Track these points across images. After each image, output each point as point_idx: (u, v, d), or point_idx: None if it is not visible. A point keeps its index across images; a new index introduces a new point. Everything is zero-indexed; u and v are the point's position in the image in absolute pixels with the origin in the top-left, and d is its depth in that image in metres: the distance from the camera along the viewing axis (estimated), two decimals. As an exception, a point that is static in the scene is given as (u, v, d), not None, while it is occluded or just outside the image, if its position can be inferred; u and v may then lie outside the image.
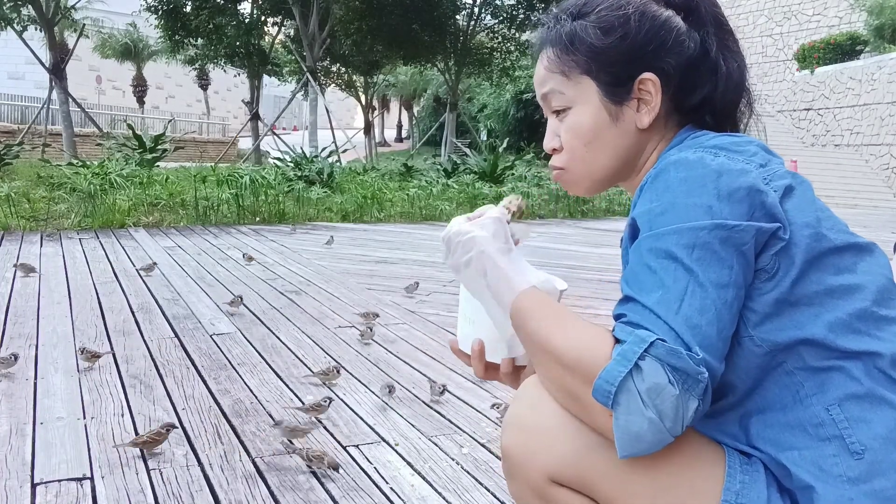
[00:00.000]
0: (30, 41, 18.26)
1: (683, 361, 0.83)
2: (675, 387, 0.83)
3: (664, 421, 0.84)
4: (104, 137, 17.48)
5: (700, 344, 0.85)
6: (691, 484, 0.94)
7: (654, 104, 1.04)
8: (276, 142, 21.81)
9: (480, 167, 13.36)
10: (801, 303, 0.91)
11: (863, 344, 0.91)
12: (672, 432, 0.85)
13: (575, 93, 1.07)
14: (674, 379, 0.83)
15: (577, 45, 1.05)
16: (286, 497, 1.96)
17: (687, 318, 0.86)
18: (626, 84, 1.04)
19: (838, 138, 19.36)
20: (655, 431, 0.84)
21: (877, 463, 0.88)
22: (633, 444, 0.86)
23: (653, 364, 0.83)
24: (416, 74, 33.08)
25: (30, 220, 7.66)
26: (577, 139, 1.08)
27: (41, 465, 2.11)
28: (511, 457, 1.04)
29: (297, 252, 6.46)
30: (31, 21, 18.18)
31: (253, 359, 3.23)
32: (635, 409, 0.84)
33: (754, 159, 0.94)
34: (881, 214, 13.84)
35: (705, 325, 0.86)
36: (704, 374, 0.84)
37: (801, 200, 0.94)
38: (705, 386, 0.84)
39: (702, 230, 0.88)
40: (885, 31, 20.32)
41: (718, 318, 0.86)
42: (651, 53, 1.02)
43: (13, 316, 3.84)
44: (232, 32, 20.61)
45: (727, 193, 0.89)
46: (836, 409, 0.90)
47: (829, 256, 0.93)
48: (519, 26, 21.48)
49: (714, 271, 0.87)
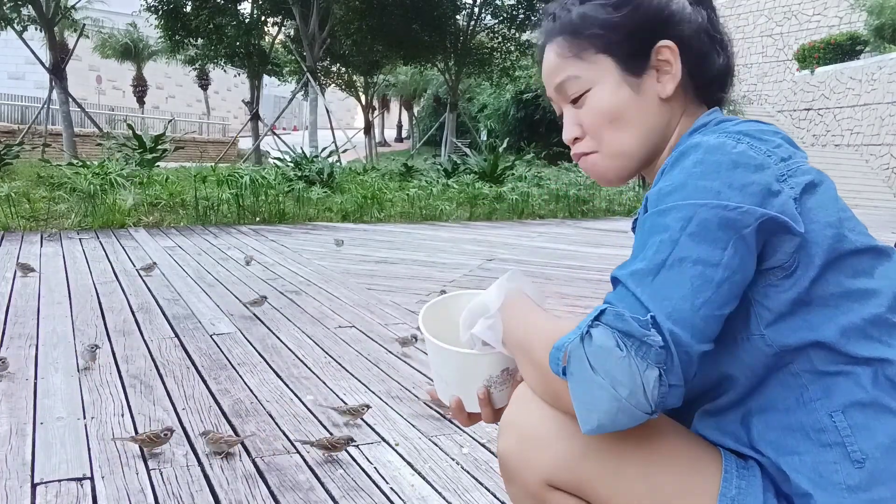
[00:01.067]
0: (30, 41, 18.25)
1: (627, 324, 0.82)
2: (622, 350, 0.82)
3: (618, 389, 0.82)
4: (104, 137, 17.46)
5: (668, 315, 0.83)
6: (687, 489, 0.94)
7: (674, 71, 1.03)
8: (276, 142, 21.81)
9: (480, 167, 13.36)
10: (815, 304, 0.90)
11: (874, 351, 0.89)
12: (633, 403, 0.82)
13: (593, 73, 1.05)
14: (621, 343, 0.82)
15: (589, 25, 1.04)
16: (286, 497, 1.96)
17: (656, 289, 0.85)
18: (644, 54, 1.03)
19: (838, 138, 19.36)
20: (609, 399, 0.83)
21: (877, 472, 0.87)
22: (588, 414, 0.85)
23: (602, 330, 0.83)
24: (416, 74, 33.08)
25: (30, 220, 7.66)
26: (601, 118, 1.05)
27: (41, 465, 2.11)
28: (507, 461, 1.04)
29: (297, 252, 6.47)
30: (32, 21, 18.17)
31: (253, 359, 3.23)
32: (586, 376, 0.84)
33: (777, 151, 0.92)
34: (881, 214, 13.84)
35: (678, 299, 0.84)
36: (655, 338, 0.81)
37: (825, 198, 0.92)
38: (662, 353, 0.82)
39: (702, 207, 0.86)
40: (886, 31, 20.31)
41: (695, 293, 0.84)
42: (665, 21, 1.02)
43: (13, 316, 3.84)
44: (232, 32, 20.60)
45: (740, 185, 0.87)
46: (839, 416, 0.89)
47: (848, 258, 0.91)
48: (519, 26, 21.48)
49: (703, 248, 0.85)
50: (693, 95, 1.07)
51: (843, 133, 19.27)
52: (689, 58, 1.04)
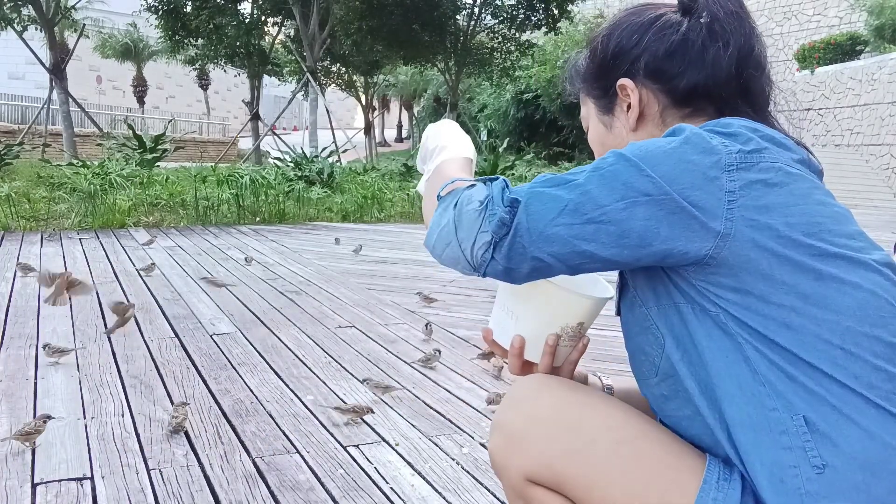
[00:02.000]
0: (30, 41, 18.25)
1: (497, 193, 0.96)
2: (480, 206, 0.96)
3: (458, 231, 0.97)
4: (104, 137, 17.48)
5: (528, 209, 0.94)
6: (662, 493, 0.94)
7: (634, 104, 1.10)
8: (276, 142, 21.80)
9: (480, 167, 13.33)
10: (766, 303, 0.90)
11: (832, 359, 0.88)
12: (461, 248, 0.97)
13: (585, 113, 1.20)
14: (484, 202, 0.96)
15: (578, 73, 1.20)
16: (286, 497, 1.96)
17: (542, 193, 0.95)
18: (608, 94, 1.13)
19: (838, 138, 19.36)
20: (448, 233, 0.99)
21: (838, 481, 0.86)
22: (431, 233, 1.03)
23: (483, 187, 0.99)
24: (417, 74, 33.07)
25: (30, 220, 7.66)
26: (593, 148, 1.20)
27: (41, 465, 2.11)
28: (494, 458, 1.10)
29: (297, 252, 6.47)
30: (32, 21, 18.17)
31: (253, 359, 3.23)
32: (447, 207, 1.01)
33: (738, 144, 0.93)
34: (881, 214, 13.84)
35: (547, 206, 0.93)
36: (504, 214, 0.93)
37: (779, 200, 0.91)
38: (502, 228, 0.93)
39: (627, 161, 0.93)
40: (886, 31, 20.31)
41: (561, 212, 0.92)
42: (622, 60, 1.09)
43: (13, 316, 3.84)
44: (232, 32, 20.59)
45: (676, 160, 0.91)
46: (800, 420, 0.88)
47: (808, 262, 0.90)
48: (519, 26, 21.46)
49: (598, 188, 0.92)
50: (681, 115, 1.07)
51: (843, 133, 19.27)
52: (660, 84, 1.07)
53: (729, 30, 1.03)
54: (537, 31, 21.63)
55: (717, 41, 1.03)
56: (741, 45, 1.04)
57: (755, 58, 1.06)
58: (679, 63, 1.05)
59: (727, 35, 1.03)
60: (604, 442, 0.98)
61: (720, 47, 1.03)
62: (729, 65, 1.03)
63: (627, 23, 1.10)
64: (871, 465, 0.86)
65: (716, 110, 1.06)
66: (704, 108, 1.06)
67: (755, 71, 1.06)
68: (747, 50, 1.04)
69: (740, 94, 1.05)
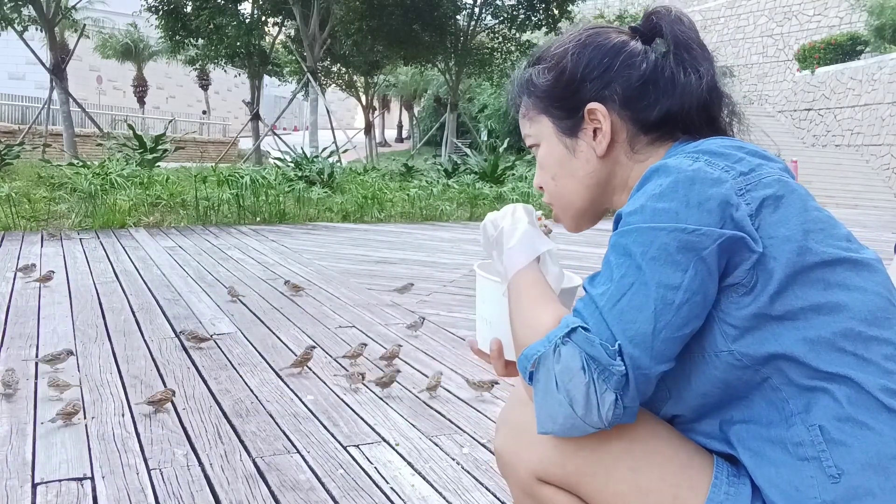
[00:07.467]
0: (30, 41, 18.27)
1: (596, 350, 0.87)
2: (586, 374, 0.87)
3: (575, 407, 0.88)
4: (105, 138, 17.47)
5: (630, 339, 0.87)
6: (675, 491, 0.95)
7: (605, 130, 1.06)
8: (276, 142, 21.81)
9: (481, 167, 13.36)
10: (785, 318, 0.90)
11: (846, 365, 0.89)
12: (587, 421, 0.89)
13: (536, 131, 1.13)
14: (587, 366, 0.87)
15: (531, 88, 1.11)
16: (286, 497, 1.96)
17: (622, 312, 0.88)
18: (574, 116, 1.08)
19: (839, 138, 19.36)
20: (567, 416, 0.90)
21: (853, 488, 0.86)
22: (547, 422, 0.93)
23: (572, 348, 0.89)
24: (417, 75, 33.08)
25: (30, 220, 7.66)
26: (545, 174, 1.14)
27: (41, 465, 2.11)
28: (501, 457, 1.10)
29: (297, 252, 6.47)
30: (32, 21, 18.19)
31: (253, 359, 3.23)
32: (550, 388, 0.90)
33: (736, 166, 0.93)
34: (881, 214, 13.84)
35: (641, 322, 0.88)
36: (619, 367, 0.87)
37: (788, 211, 0.92)
38: (622, 379, 0.87)
39: (661, 231, 0.89)
40: (886, 32, 20.32)
41: (657, 317, 0.88)
42: (593, 83, 1.05)
43: (13, 316, 3.84)
44: (232, 32, 20.60)
45: (697, 202, 0.89)
46: (815, 431, 0.89)
47: (818, 271, 0.91)
48: (519, 26, 21.47)
49: (664, 272, 0.88)
50: (651, 140, 1.06)
51: (843, 133, 19.27)
52: (630, 111, 1.05)
53: (695, 56, 1.04)
54: (537, 31, 21.64)
55: (685, 69, 1.03)
56: (707, 71, 1.05)
57: (717, 83, 1.07)
58: (652, 91, 1.04)
59: (695, 62, 1.04)
60: (617, 440, 0.98)
61: (689, 74, 1.03)
62: (699, 91, 1.04)
63: (594, 44, 1.06)
64: (884, 469, 0.86)
65: (682, 132, 1.06)
66: (671, 133, 1.06)
67: (718, 94, 1.07)
68: (712, 74, 1.06)
69: (706, 118, 1.06)
